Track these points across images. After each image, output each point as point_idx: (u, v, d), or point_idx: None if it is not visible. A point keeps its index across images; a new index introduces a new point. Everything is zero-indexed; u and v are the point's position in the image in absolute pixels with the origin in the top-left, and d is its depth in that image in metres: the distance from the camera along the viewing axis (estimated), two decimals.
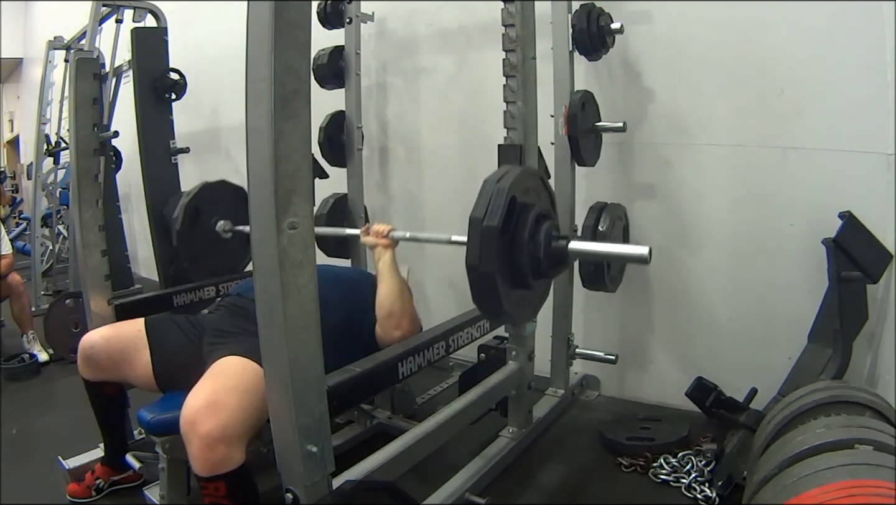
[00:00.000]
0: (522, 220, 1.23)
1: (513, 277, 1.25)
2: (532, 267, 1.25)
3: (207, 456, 1.23)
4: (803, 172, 1.98)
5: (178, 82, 2.90)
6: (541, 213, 1.27)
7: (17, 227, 6.38)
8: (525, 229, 1.22)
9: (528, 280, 1.26)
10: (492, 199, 1.18)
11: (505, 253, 1.21)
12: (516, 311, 1.30)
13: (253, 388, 1.31)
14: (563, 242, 1.27)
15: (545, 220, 1.27)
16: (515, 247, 1.23)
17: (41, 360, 3.11)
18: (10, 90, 9.34)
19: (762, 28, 1.99)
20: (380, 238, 1.79)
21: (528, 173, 1.31)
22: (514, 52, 1.69)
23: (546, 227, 1.26)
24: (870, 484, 0.97)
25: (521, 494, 1.79)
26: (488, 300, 1.23)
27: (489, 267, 1.18)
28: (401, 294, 1.71)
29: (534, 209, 1.25)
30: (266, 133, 0.98)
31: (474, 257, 1.18)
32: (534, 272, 1.26)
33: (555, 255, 1.27)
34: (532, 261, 1.25)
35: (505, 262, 1.21)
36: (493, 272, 1.18)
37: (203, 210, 2.16)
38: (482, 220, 1.17)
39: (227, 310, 1.70)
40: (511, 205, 1.19)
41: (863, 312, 1.85)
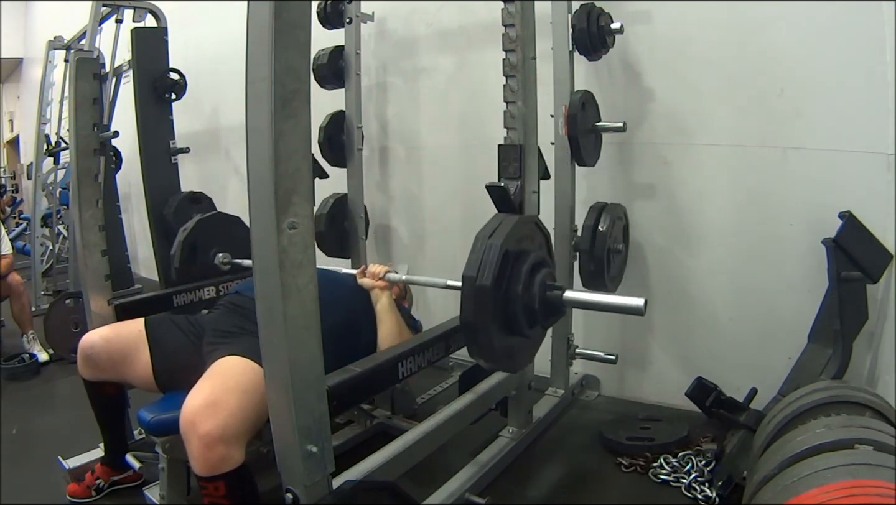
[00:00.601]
0: (516, 273, 1.24)
1: (508, 328, 1.26)
2: (527, 318, 1.27)
3: (207, 456, 1.23)
4: (803, 172, 1.98)
5: (178, 82, 2.90)
6: (535, 263, 1.28)
7: (17, 227, 6.38)
8: (519, 282, 1.23)
9: (523, 330, 1.28)
10: (484, 256, 1.19)
11: (499, 308, 1.22)
12: (511, 360, 1.32)
13: (252, 388, 1.31)
14: (557, 293, 1.28)
15: (540, 270, 1.28)
16: (510, 300, 1.24)
17: (41, 360, 3.11)
18: (10, 90, 9.34)
19: (762, 28, 1.99)
20: (376, 280, 1.81)
21: (522, 222, 1.31)
22: (514, 52, 1.68)
23: (541, 277, 1.27)
24: (870, 484, 0.97)
25: (521, 494, 1.79)
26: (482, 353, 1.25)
27: (483, 323, 1.19)
28: (399, 335, 1.74)
29: (528, 259, 1.26)
30: (266, 133, 0.98)
31: (468, 315, 1.19)
32: (529, 322, 1.28)
33: (550, 304, 1.28)
34: (527, 312, 1.26)
35: (499, 316, 1.23)
36: (487, 328, 1.20)
37: (200, 244, 2.19)
38: (475, 279, 1.18)
39: (227, 309, 1.70)
40: (504, 259, 1.20)
41: (863, 312, 1.85)
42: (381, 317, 1.76)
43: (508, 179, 1.64)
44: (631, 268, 2.31)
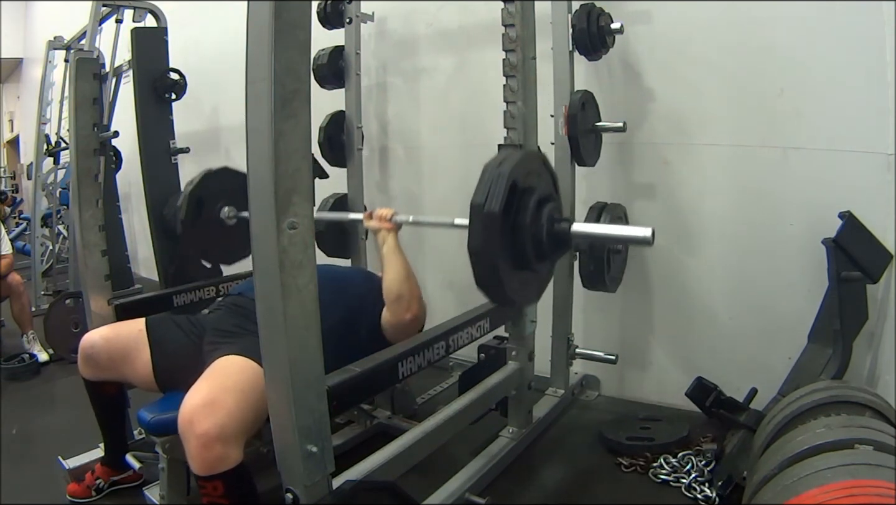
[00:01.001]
0: (524, 204, 1.22)
1: (515, 260, 1.24)
2: (535, 250, 1.25)
3: (205, 455, 1.23)
4: (803, 172, 1.98)
5: (178, 82, 2.90)
6: (542, 197, 1.26)
7: (17, 227, 6.38)
8: (527, 213, 1.22)
9: (531, 263, 1.26)
10: (492, 185, 1.17)
11: (507, 237, 1.20)
12: (520, 294, 1.30)
13: (251, 387, 1.31)
14: (565, 225, 1.26)
15: (547, 203, 1.27)
16: (517, 231, 1.22)
17: (41, 360, 3.11)
18: (10, 90, 9.34)
19: (762, 28, 1.99)
20: (383, 222, 1.79)
21: (529, 157, 1.31)
22: (514, 52, 1.69)
23: (548, 210, 1.26)
24: (870, 484, 0.97)
25: (521, 494, 1.79)
26: (491, 285, 1.23)
27: (491, 252, 1.17)
28: (408, 277, 1.70)
29: (535, 193, 1.24)
30: (266, 133, 0.98)
31: (476, 243, 1.17)
32: (537, 255, 1.26)
33: (557, 237, 1.26)
34: (535, 244, 1.24)
35: (507, 246, 1.21)
36: (496, 257, 1.18)
37: (206, 198, 2.15)
38: (483, 206, 1.16)
39: (228, 309, 1.70)
40: (512, 189, 1.19)
41: (863, 312, 1.85)
42: (388, 258, 1.72)
43: None
44: (631, 268, 2.31)
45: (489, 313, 1.81)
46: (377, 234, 1.80)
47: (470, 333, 1.74)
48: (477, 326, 1.76)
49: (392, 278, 1.69)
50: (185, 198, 2.11)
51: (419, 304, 1.71)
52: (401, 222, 1.79)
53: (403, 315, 1.67)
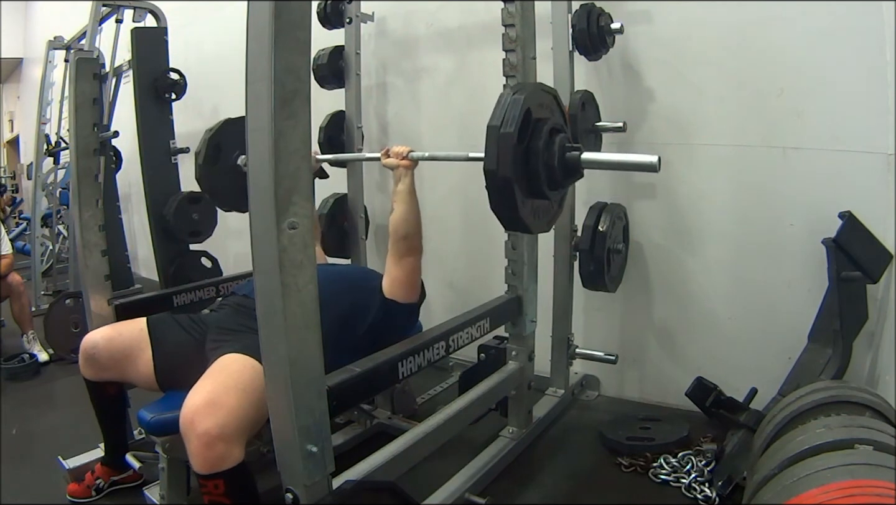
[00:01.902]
0: (537, 131, 1.26)
1: (529, 185, 1.28)
2: (547, 176, 1.28)
3: (206, 454, 1.23)
4: (803, 172, 1.98)
5: (178, 82, 2.90)
6: (554, 127, 1.30)
7: (17, 227, 6.38)
8: (540, 139, 1.26)
9: (543, 189, 1.29)
10: (508, 110, 1.22)
11: (521, 161, 1.24)
12: (532, 219, 1.33)
13: (252, 386, 1.31)
14: (576, 153, 1.30)
15: (559, 133, 1.30)
16: (531, 155, 1.26)
17: (41, 360, 3.11)
18: (10, 90, 9.34)
19: (762, 28, 1.99)
20: (400, 160, 1.77)
21: (543, 89, 1.34)
22: (514, 52, 1.69)
23: (560, 139, 1.29)
24: (870, 484, 0.97)
25: (521, 494, 1.79)
26: (505, 207, 1.26)
27: (506, 173, 1.20)
28: (418, 218, 1.73)
29: (548, 122, 1.28)
30: (266, 133, 0.98)
31: (492, 163, 1.21)
32: (549, 182, 1.29)
33: (568, 165, 1.30)
34: (547, 170, 1.28)
35: (521, 169, 1.25)
36: (510, 179, 1.21)
37: (224, 145, 2.16)
38: (499, 128, 1.20)
39: (232, 309, 1.70)
40: (526, 116, 1.23)
41: (863, 312, 1.85)
42: (402, 196, 1.72)
43: None
44: (631, 268, 2.31)
45: (489, 313, 1.81)
46: (394, 172, 1.79)
47: (470, 333, 1.74)
48: (477, 326, 1.76)
49: (402, 216, 1.70)
50: (204, 144, 2.14)
51: (420, 247, 1.74)
52: (417, 158, 1.77)
53: (406, 256, 1.70)
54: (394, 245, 1.71)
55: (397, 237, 1.70)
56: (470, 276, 2.85)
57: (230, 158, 2.16)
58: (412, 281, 1.74)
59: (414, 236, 1.71)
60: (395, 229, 1.70)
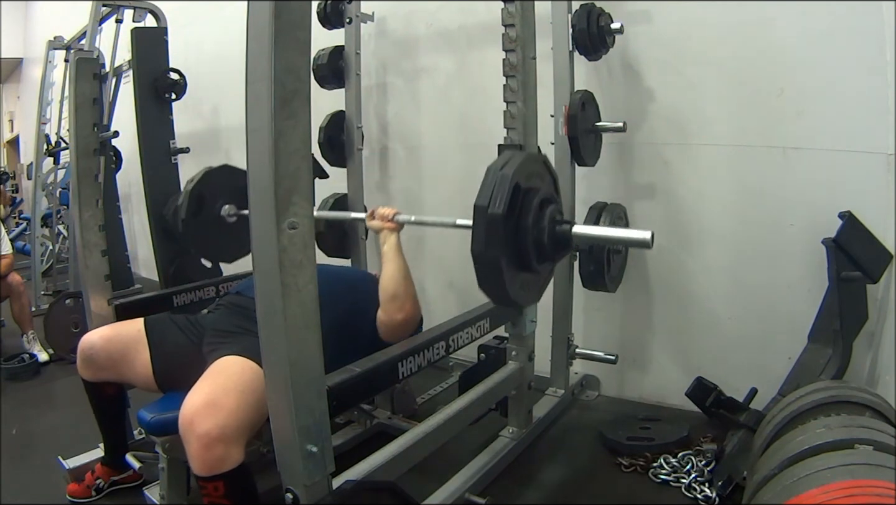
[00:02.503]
0: (526, 205, 1.23)
1: (517, 261, 1.26)
2: (537, 251, 1.26)
3: (205, 456, 1.23)
4: (803, 172, 1.98)
5: (178, 82, 2.90)
6: (544, 199, 1.28)
7: (17, 227, 6.38)
8: (529, 215, 1.23)
9: (532, 264, 1.27)
10: (496, 187, 1.19)
11: (510, 239, 1.22)
12: (521, 294, 1.31)
13: (251, 387, 1.31)
14: (566, 227, 1.28)
15: (549, 205, 1.28)
16: (520, 232, 1.23)
17: (41, 360, 3.11)
18: (10, 90, 9.34)
19: (762, 28, 1.99)
20: (385, 221, 1.79)
21: (532, 159, 1.32)
22: (514, 52, 1.68)
23: (550, 212, 1.27)
24: (870, 484, 0.97)
25: (522, 494, 1.79)
26: (494, 286, 1.25)
27: (494, 254, 1.19)
28: (405, 277, 1.70)
29: (538, 194, 1.26)
30: (266, 133, 0.98)
31: (480, 245, 1.19)
32: (538, 256, 1.27)
33: (559, 239, 1.28)
34: (536, 245, 1.26)
35: (510, 248, 1.23)
36: (498, 259, 1.19)
37: (207, 195, 2.15)
38: (487, 208, 1.17)
39: (227, 309, 1.70)
40: (515, 191, 1.20)
41: (863, 312, 1.85)
42: (388, 257, 1.72)
43: None
44: (631, 268, 2.31)
45: (489, 313, 1.81)
46: (379, 233, 1.80)
47: (470, 333, 1.74)
48: (477, 326, 1.76)
49: (389, 277, 1.69)
50: (186, 195, 2.12)
51: (413, 305, 1.70)
52: (403, 222, 1.79)
53: (396, 315, 1.67)
54: (384, 306, 1.68)
55: (387, 298, 1.67)
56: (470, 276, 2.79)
57: (214, 209, 2.16)
58: (407, 330, 1.71)
59: (404, 295, 1.67)
60: (384, 290, 1.68)
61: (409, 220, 1.80)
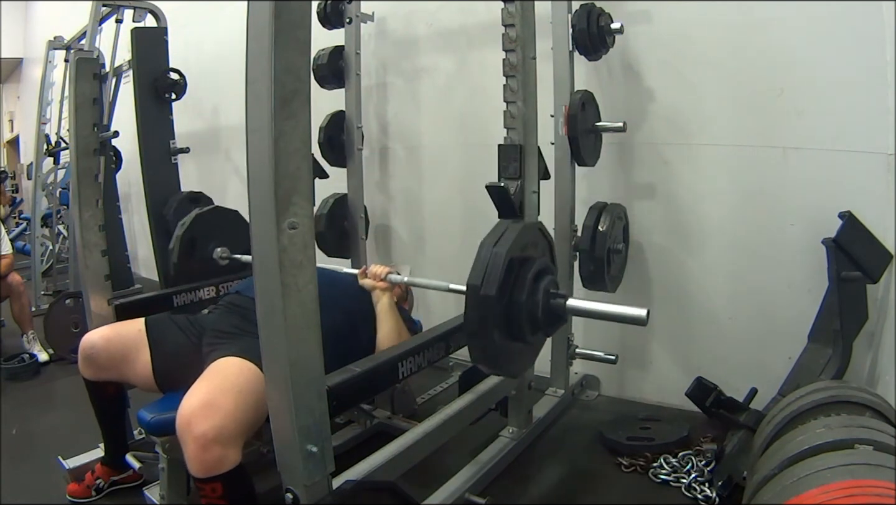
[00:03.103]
0: (520, 280, 1.24)
1: (510, 334, 1.27)
2: (530, 325, 1.27)
3: (203, 457, 1.23)
4: (803, 172, 1.98)
5: (178, 82, 2.90)
6: (539, 270, 1.28)
7: (17, 227, 6.38)
8: (523, 291, 1.24)
9: (525, 337, 1.28)
10: (489, 265, 1.19)
11: (503, 315, 1.23)
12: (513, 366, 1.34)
13: (249, 388, 1.31)
14: (561, 301, 1.29)
15: (544, 277, 1.29)
16: (513, 307, 1.24)
17: (41, 360, 3.11)
18: (10, 90, 9.33)
19: (762, 28, 1.99)
20: (377, 281, 1.82)
21: (526, 229, 1.32)
22: (514, 52, 1.68)
23: (544, 285, 1.28)
24: (870, 484, 0.97)
25: (521, 494, 1.79)
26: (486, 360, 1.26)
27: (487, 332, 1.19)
28: (399, 336, 1.74)
29: (532, 267, 1.26)
30: (266, 133, 0.98)
31: (472, 325, 1.20)
32: (531, 329, 1.28)
33: (553, 311, 1.28)
34: (530, 319, 1.26)
35: (503, 324, 1.23)
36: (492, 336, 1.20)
37: (198, 239, 2.17)
38: (479, 288, 1.18)
39: (226, 309, 1.70)
40: (509, 268, 1.20)
41: (863, 312, 1.85)
42: (381, 318, 1.76)
43: (508, 179, 1.64)
44: (631, 268, 2.31)
45: None
46: (372, 292, 1.82)
47: None
48: None
49: (384, 337, 1.73)
50: (177, 240, 2.14)
51: None
52: (395, 282, 1.83)
53: None
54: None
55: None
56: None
57: (206, 251, 2.18)
58: None
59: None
60: (380, 348, 1.71)
61: (402, 281, 1.84)
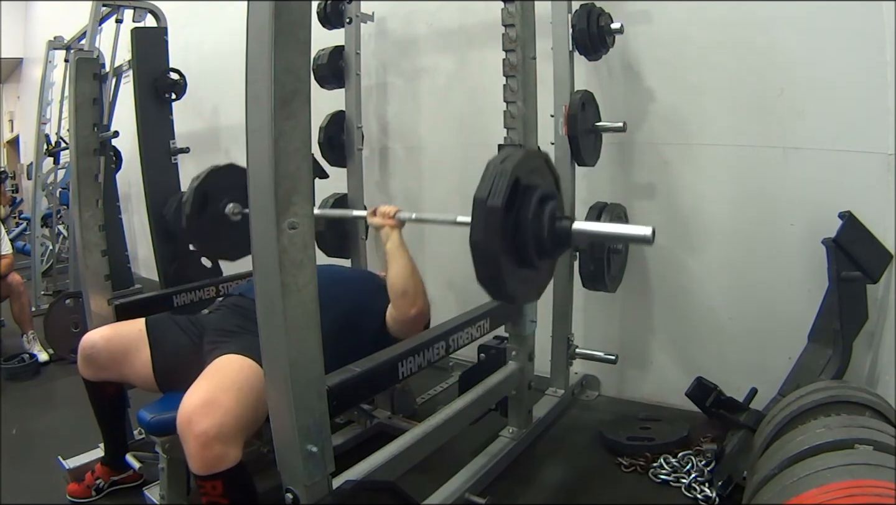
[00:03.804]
0: (526, 201, 1.23)
1: (517, 256, 1.25)
2: (536, 247, 1.25)
3: (203, 455, 1.23)
4: (803, 172, 1.98)
5: (178, 82, 2.90)
6: (544, 195, 1.26)
7: (17, 227, 6.38)
8: (529, 210, 1.22)
9: (532, 260, 1.26)
10: (495, 180, 1.18)
11: (509, 233, 1.21)
12: (520, 290, 1.30)
13: (249, 386, 1.31)
14: (566, 223, 1.26)
15: (549, 201, 1.27)
16: (519, 227, 1.22)
17: (41, 360, 3.11)
18: (10, 90, 9.33)
19: (762, 28, 1.99)
20: (387, 219, 1.80)
21: (532, 155, 1.31)
22: (514, 52, 1.69)
23: (550, 208, 1.26)
24: (870, 484, 0.97)
25: (522, 494, 1.79)
26: (492, 279, 1.23)
27: (493, 246, 1.18)
28: (412, 273, 1.71)
29: (537, 190, 1.25)
30: (266, 133, 0.98)
31: (479, 236, 1.18)
32: (538, 252, 1.26)
33: (558, 235, 1.26)
34: (536, 241, 1.24)
35: (509, 242, 1.21)
36: (497, 252, 1.18)
37: (212, 194, 2.15)
38: (486, 200, 1.17)
39: (229, 310, 1.70)
40: (514, 186, 1.19)
41: (863, 312, 1.85)
42: (392, 255, 1.73)
43: None
44: (631, 268, 2.31)
45: (489, 313, 1.81)
46: (380, 231, 1.81)
47: (470, 333, 1.74)
48: (477, 326, 1.76)
49: (396, 274, 1.69)
50: (191, 192, 2.13)
51: (424, 299, 1.71)
52: (404, 219, 1.80)
53: (408, 310, 1.68)
54: (395, 303, 1.69)
55: (396, 295, 1.69)
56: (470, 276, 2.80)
57: (218, 207, 2.16)
58: (419, 326, 1.73)
59: (413, 291, 1.68)
60: (393, 288, 1.69)
61: (410, 218, 1.81)
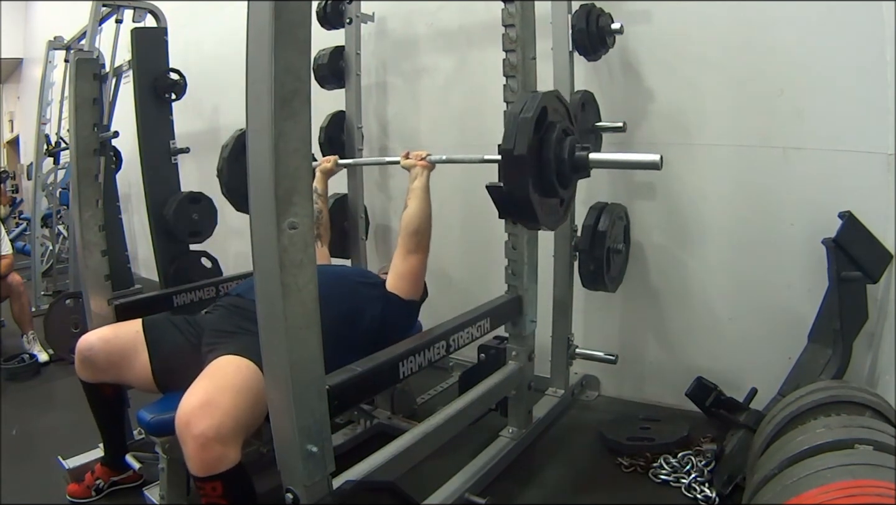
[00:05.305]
0: (551, 127, 1.39)
1: (542, 191, 1.40)
2: (557, 168, 1.40)
3: (202, 456, 1.23)
4: (803, 172, 1.98)
5: (178, 82, 2.90)
6: (566, 129, 1.43)
7: (17, 227, 6.38)
8: (553, 133, 1.38)
9: (553, 182, 1.41)
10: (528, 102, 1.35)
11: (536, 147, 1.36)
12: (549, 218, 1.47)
13: (248, 386, 1.31)
14: (584, 152, 1.42)
15: (566, 136, 1.42)
16: (545, 145, 1.38)
17: (41, 360, 3.11)
18: (10, 90, 9.33)
19: (762, 27, 1.99)
20: (418, 160, 1.90)
21: (546, 97, 1.42)
22: (514, 52, 1.69)
23: (570, 140, 1.42)
24: (870, 484, 0.97)
25: (522, 494, 1.79)
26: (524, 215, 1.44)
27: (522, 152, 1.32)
28: (429, 216, 1.81)
29: (556, 129, 1.39)
30: (266, 133, 0.98)
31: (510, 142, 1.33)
32: (559, 176, 1.41)
33: (577, 162, 1.43)
34: (558, 162, 1.40)
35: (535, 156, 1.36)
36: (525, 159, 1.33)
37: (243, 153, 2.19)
38: (519, 114, 1.34)
39: (227, 310, 1.69)
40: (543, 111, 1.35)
41: (863, 312, 1.85)
42: (415, 193, 1.83)
43: None
44: (631, 268, 2.31)
45: (489, 313, 1.81)
46: (411, 170, 1.90)
47: (470, 333, 1.74)
48: (477, 326, 1.76)
49: (414, 212, 1.79)
50: (234, 138, 2.30)
51: (427, 248, 1.80)
52: (435, 161, 1.89)
53: (414, 252, 1.76)
54: (403, 240, 1.78)
55: (408, 232, 1.77)
56: (470, 276, 2.85)
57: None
58: (417, 277, 1.79)
59: (424, 233, 1.79)
60: (407, 224, 1.77)
61: (441, 159, 1.91)
